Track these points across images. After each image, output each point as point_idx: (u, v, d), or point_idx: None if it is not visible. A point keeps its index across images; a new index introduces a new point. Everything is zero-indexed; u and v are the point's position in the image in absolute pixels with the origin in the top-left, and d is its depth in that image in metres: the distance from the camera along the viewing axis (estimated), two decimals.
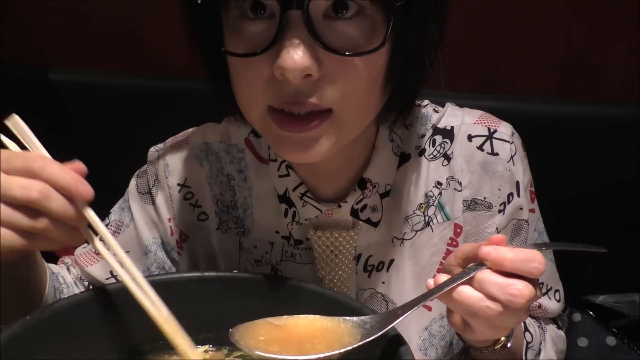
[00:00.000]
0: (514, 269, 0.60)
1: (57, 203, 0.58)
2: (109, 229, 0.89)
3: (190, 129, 0.89)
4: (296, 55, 0.60)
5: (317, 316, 0.64)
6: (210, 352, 0.74)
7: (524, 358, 0.78)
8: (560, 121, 1.41)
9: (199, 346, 0.74)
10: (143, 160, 0.91)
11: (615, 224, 1.44)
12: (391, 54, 0.65)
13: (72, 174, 0.59)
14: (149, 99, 1.51)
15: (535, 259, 0.60)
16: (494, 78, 1.49)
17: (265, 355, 0.59)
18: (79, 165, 0.61)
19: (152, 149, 0.89)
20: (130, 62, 1.62)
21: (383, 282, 0.83)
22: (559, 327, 0.91)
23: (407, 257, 0.82)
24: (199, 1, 0.63)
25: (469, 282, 0.62)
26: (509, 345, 0.71)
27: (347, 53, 0.62)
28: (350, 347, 0.59)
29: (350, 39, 0.62)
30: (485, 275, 0.61)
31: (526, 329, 0.80)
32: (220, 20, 0.66)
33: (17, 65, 1.59)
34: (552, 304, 0.87)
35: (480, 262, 0.63)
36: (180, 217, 0.87)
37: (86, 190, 0.59)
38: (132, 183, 0.89)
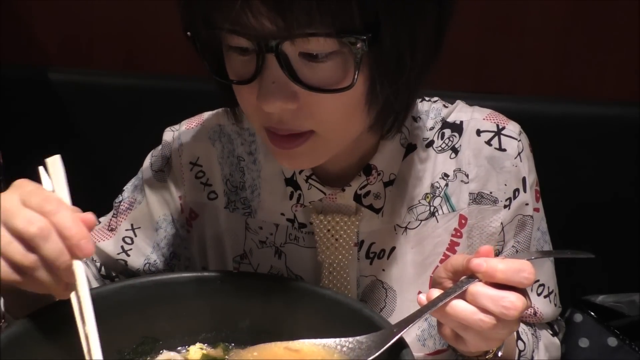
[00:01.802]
0: (505, 280, 0.61)
1: (53, 246, 0.57)
2: (122, 205, 0.91)
3: (205, 112, 0.92)
4: (271, 95, 0.64)
5: (312, 341, 0.64)
6: (208, 350, 0.74)
7: None
8: (560, 121, 1.41)
9: (197, 344, 0.74)
10: (142, 160, 0.91)
11: (615, 224, 1.44)
12: (370, 84, 0.66)
13: (80, 227, 0.59)
14: (149, 99, 1.51)
15: (525, 269, 0.61)
16: (494, 78, 1.49)
17: None
18: (91, 217, 0.61)
19: (168, 129, 0.91)
20: (130, 62, 1.62)
21: (383, 270, 0.84)
22: (554, 333, 0.91)
23: (411, 246, 0.83)
24: (188, 34, 0.66)
25: (462, 296, 0.63)
26: (500, 354, 0.72)
27: (321, 90, 0.64)
28: None
29: (325, 75, 0.64)
30: (478, 289, 0.62)
31: (519, 338, 0.81)
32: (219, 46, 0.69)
33: (17, 65, 1.59)
34: (549, 308, 0.88)
35: (471, 275, 0.63)
36: (191, 195, 0.89)
37: (87, 246, 0.58)
38: (147, 161, 0.91)
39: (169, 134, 0.90)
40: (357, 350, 0.62)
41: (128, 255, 0.90)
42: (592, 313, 1.31)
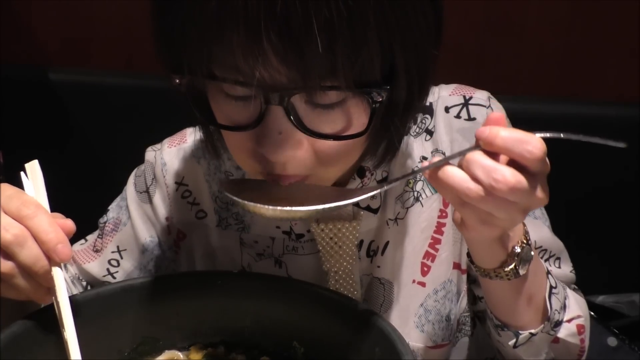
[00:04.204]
0: (504, 149, 0.56)
1: (28, 252, 0.58)
2: (107, 226, 0.89)
3: (187, 128, 0.90)
4: (279, 147, 0.61)
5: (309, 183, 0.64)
6: (209, 349, 0.74)
7: (547, 302, 0.75)
8: (560, 121, 1.41)
9: (198, 344, 0.74)
10: (142, 161, 0.90)
11: (614, 224, 1.44)
12: (378, 124, 0.65)
13: (57, 231, 0.59)
14: (149, 99, 1.51)
15: (530, 142, 0.56)
16: (494, 78, 1.49)
17: (258, 205, 0.59)
18: (69, 223, 0.61)
19: (150, 148, 0.89)
20: (130, 62, 1.62)
21: (378, 266, 0.83)
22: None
23: (401, 236, 0.83)
24: (177, 80, 0.63)
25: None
26: (521, 272, 0.69)
27: (330, 136, 0.62)
28: (333, 204, 0.59)
29: (334, 122, 0.62)
30: (474, 156, 0.57)
31: (549, 273, 0.77)
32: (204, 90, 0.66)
33: (17, 65, 1.59)
34: (557, 272, 0.86)
35: (477, 145, 0.58)
36: (178, 216, 0.87)
37: (64, 251, 0.59)
38: (130, 181, 0.90)
39: (150, 154, 0.88)
40: (351, 197, 0.62)
41: (114, 278, 0.88)
42: (592, 313, 1.30)
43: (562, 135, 0.64)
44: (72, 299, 0.67)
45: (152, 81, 1.52)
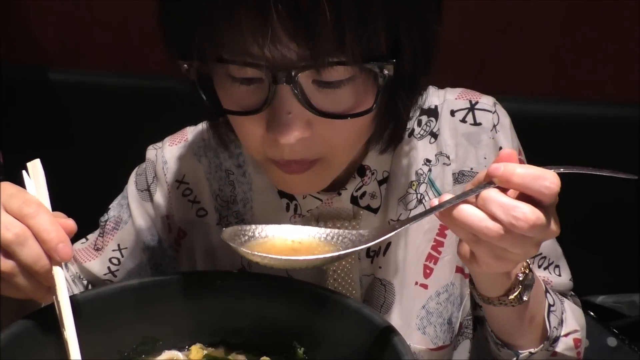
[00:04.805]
0: (522, 186, 0.56)
1: (29, 251, 0.58)
2: (107, 224, 0.90)
3: (188, 127, 0.90)
4: (289, 127, 0.62)
5: (312, 234, 0.63)
6: (209, 349, 0.74)
7: (546, 321, 0.76)
8: (560, 121, 1.41)
9: (198, 344, 0.74)
10: (142, 160, 0.91)
11: (615, 224, 1.44)
12: (384, 104, 0.66)
13: (58, 230, 0.59)
14: (149, 99, 1.51)
15: (547, 178, 0.56)
16: (494, 78, 1.49)
17: (261, 254, 0.60)
18: (70, 223, 0.61)
19: (151, 146, 0.90)
20: (130, 62, 1.62)
21: (380, 267, 0.83)
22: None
23: (404, 238, 0.83)
24: (185, 65, 0.64)
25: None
26: (525, 298, 0.69)
27: (338, 115, 0.63)
28: (342, 252, 0.59)
29: (341, 101, 0.63)
30: (490, 194, 0.57)
31: (547, 291, 0.78)
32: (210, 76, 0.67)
33: (17, 65, 1.59)
34: (553, 278, 0.86)
35: (489, 182, 0.58)
36: (178, 214, 0.87)
37: (64, 250, 0.59)
38: (131, 180, 0.90)
39: (152, 152, 0.89)
40: (357, 242, 0.60)
41: (115, 276, 0.89)
42: (592, 313, 1.31)
43: (574, 169, 0.65)
44: (72, 299, 0.67)
45: (152, 81, 1.52)
